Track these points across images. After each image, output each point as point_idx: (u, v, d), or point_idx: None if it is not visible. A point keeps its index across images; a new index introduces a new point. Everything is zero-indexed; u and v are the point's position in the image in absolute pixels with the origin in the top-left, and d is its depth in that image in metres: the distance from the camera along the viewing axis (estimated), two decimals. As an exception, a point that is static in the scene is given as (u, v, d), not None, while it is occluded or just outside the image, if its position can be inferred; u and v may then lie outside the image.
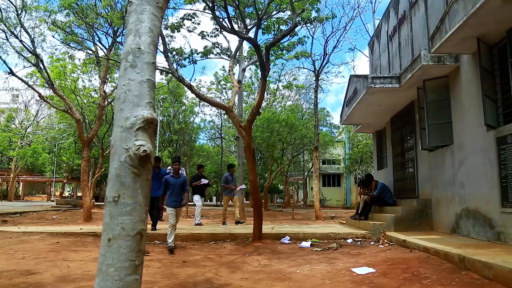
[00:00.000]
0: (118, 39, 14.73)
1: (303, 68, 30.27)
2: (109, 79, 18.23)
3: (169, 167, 11.04)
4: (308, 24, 15.28)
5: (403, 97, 10.17)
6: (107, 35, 15.04)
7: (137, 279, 1.38)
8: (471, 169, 7.48)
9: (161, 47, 11.09)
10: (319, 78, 18.71)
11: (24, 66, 35.32)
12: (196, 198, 12.27)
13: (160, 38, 11.04)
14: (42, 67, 13.75)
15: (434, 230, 8.98)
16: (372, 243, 8.33)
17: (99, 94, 16.31)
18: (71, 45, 16.13)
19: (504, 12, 5.93)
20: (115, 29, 14.78)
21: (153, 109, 1.52)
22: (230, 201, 12.78)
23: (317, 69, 18.01)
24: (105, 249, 1.37)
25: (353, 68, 49.32)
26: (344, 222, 12.61)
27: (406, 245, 7.37)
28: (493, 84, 6.93)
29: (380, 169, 13.86)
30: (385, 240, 8.28)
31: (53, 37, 16.83)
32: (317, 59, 18.47)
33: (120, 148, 1.44)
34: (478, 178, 7.24)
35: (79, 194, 39.77)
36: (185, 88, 16.18)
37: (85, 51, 16.53)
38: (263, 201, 21.55)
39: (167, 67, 11.13)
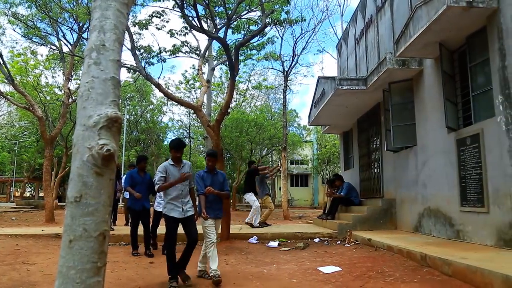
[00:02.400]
0: (84, 35, 14.32)
1: (273, 69, 30.42)
2: (74, 76, 17.67)
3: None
4: (278, 25, 15.37)
5: (369, 99, 10.41)
6: (72, 31, 14.60)
7: (99, 281, 1.34)
8: (433, 169, 7.75)
9: (128, 44, 10.87)
10: (288, 79, 18.87)
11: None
12: (252, 198, 10.99)
13: (127, 35, 10.83)
14: (1, 62, 13.17)
15: (398, 229, 9.24)
16: (339, 242, 8.47)
17: (63, 91, 15.79)
18: (33, 39, 15.52)
19: (464, 19, 6.19)
20: (80, 25, 14.36)
21: (117, 108, 1.49)
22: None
23: (286, 70, 18.17)
24: (66, 251, 1.32)
25: (321, 70, 50.07)
26: (312, 221, 12.77)
27: (371, 244, 7.55)
28: (454, 88, 7.21)
29: (347, 169, 14.12)
30: (351, 239, 8.44)
31: (14, 30, 16.10)
32: (286, 60, 18.62)
33: (82, 147, 1.39)
34: (439, 178, 7.50)
35: (41, 194, 38.35)
36: (153, 86, 15.91)
37: (49, 46, 15.95)
38: (231, 201, 21.54)
39: (135, 64, 10.92)
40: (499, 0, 5.86)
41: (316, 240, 8.76)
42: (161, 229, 7.26)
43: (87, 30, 14.08)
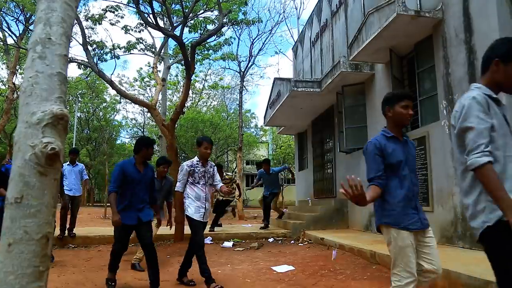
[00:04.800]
0: (32, 27, 13.61)
1: (229, 69, 30.40)
2: (20, 70, 16.77)
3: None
4: (235, 26, 15.38)
5: (323, 101, 10.65)
6: (17, 21, 13.86)
7: (41, 286, 1.27)
8: (383, 170, 8.04)
9: (80, 39, 10.47)
10: (244, 80, 18.94)
11: None
12: None
13: (79, 29, 10.42)
14: None
15: (350, 228, 9.51)
16: (292, 241, 8.60)
17: (7, 86, 14.92)
18: (-26, 30, 14.57)
19: (413, 27, 6.48)
20: (27, 16, 13.66)
21: (63, 105, 1.42)
22: None
23: (243, 70, 18.22)
24: (5, 255, 1.25)
25: (277, 71, 50.63)
26: (266, 221, 12.85)
27: (324, 243, 7.72)
28: (403, 92, 7.52)
29: (301, 170, 14.37)
30: (305, 239, 8.60)
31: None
32: (242, 61, 18.69)
33: (24, 145, 1.32)
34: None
35: (-18, 195, 35.92)
36: (107, 83, 15.43)
37: (-8, 38, 15.02)
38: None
39: (86, 60, 10.53)
40: (443, 12, 6.19)
41: (271, 240, 8.84)
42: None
43: (34, 22, 13.43)
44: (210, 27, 12.27)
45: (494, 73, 1.99)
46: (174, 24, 11.20)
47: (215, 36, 11.81)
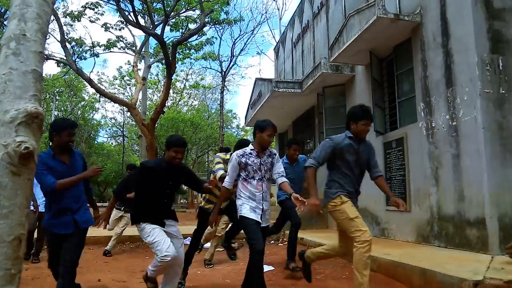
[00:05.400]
0: (6, 22, 13.31)
1: (211, 68, 30.34)
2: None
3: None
4: (217, 25, 15.35)
5: (304, 102, 10.71)
6: (-8, 17, 13.49)
7: (13, 289, 1.24)
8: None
9: (58, 36, 10.27)
10: (226, 80, 18.93)
11: None
12: None
13: (57, 26, 10.23)
14: None
15: (329, 228, 9.59)
16: (272, 241, 8.61)
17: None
18: None
19: (392, 30, 6.59)
20: (1, 10, 13.31)
21: (38, 103, 1.39)
22: None
23: (224, 70, 18.20)
24: (-25, 257, 1.21)
25: (259, 72, 50.71)
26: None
27: (303, 242, 7.76)
28: (382, 94, 7.64)
29: (282, 170, 14.39)
30: (285, 239, 8.62)
31: None
32: (224, 61, 18.67)
33: (-4, 144, 1.29)
34: (367, 179, 7.89)
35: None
36: (85, 82, 15.16)
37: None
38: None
39: (64, 57, 10.34)
40: (422, 16, 6.31)
41: (251, 240, 8.81)
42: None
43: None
44: (192, 26, 12.21)
45: None
46: (156, 23, 11.09)
47: (197, 35, 11.75)
